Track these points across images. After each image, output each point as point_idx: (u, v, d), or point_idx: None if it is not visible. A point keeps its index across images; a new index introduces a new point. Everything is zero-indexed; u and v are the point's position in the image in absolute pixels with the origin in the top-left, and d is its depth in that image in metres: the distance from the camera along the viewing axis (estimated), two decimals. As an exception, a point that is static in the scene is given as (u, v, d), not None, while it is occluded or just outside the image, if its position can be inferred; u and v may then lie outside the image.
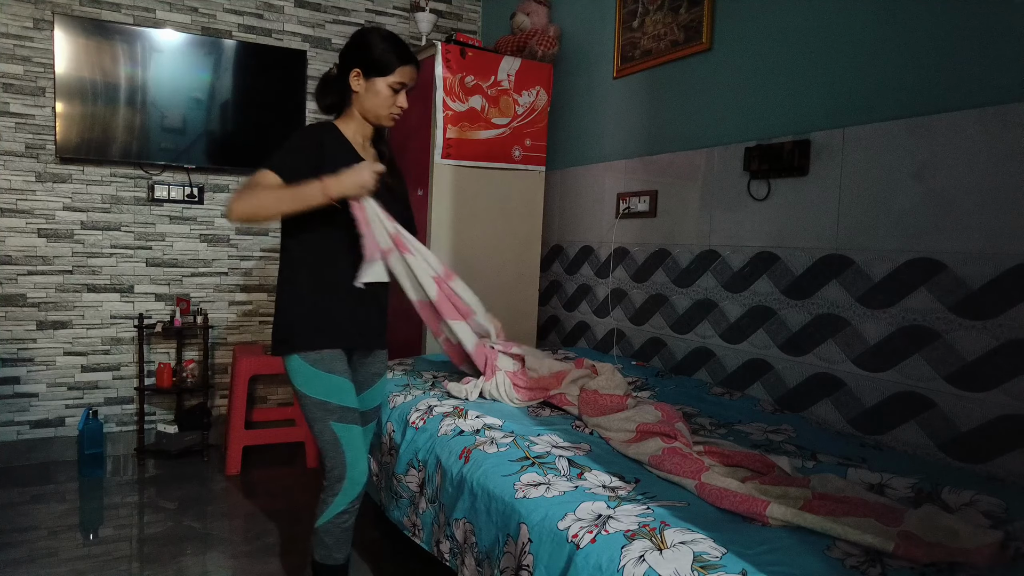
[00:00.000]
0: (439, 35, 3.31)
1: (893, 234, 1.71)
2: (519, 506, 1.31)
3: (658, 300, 2.48)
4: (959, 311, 1.57)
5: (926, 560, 1.05)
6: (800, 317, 1.95)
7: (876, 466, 1.47)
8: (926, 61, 1.66)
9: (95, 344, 3.07)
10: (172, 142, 3.05)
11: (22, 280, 2.93)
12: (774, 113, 2.05)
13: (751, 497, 1.23)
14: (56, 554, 2.20)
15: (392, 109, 1.66)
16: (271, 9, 3.28)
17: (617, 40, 2.69)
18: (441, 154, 2.67)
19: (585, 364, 2.11)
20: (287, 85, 3.25)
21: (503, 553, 1.33)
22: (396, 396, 2.04)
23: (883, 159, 1.74)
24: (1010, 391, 1.48)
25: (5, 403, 2.94)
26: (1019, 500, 1.30)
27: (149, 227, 3.13)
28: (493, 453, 1.53)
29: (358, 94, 1.65)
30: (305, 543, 2.41)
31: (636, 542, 1.09)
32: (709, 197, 2.28)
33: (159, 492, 2.77)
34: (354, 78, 1.63)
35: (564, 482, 1.37)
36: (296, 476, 3.03)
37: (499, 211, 2.86)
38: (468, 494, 1.48)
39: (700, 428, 1.78)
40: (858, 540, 1.10)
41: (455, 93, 2.67)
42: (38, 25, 2.87)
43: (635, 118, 2.63)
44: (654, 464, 1.46)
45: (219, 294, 3.30)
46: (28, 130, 2.89)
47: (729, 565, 1.03)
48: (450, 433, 1.70)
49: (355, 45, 1.65)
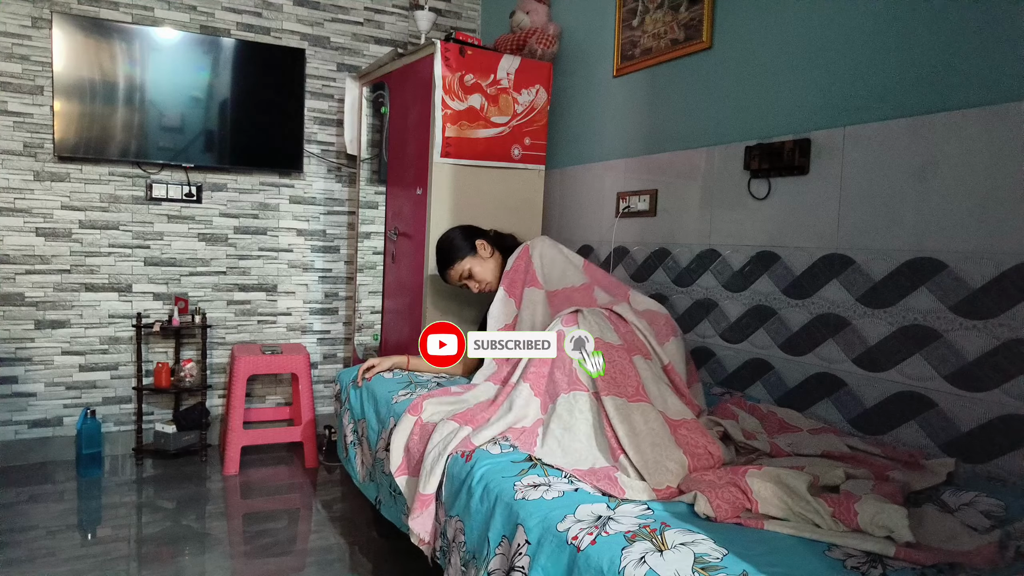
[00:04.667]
0: (438, 33, 3.30)
1: (893, 233, 1.71)
2: (518, 507, 1.30)
3: (658, 300, 2.47)
4: (959, 311, 1.57)
5: (927, 562, 1.05)
6: (800, 317, 1.95)
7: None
8: (926, 61, 1.65)
9: (93, 343, 3.07)
10: (170, 141, 3.05)
11: (20, 279, 2.92)
12: (774, 112, 2.05)
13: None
14: (54, 554, 2.20)
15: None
16: (270, 7, 3.27)
17: (617, 39, 2.69)
18: (440, 153, 2.66)
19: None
20: (286, 84, 3.24)
21: (494, 554, 1.32)
22: (398, 395, 2.04)
23: (884, 158, 1.73)
24: (1010, 391, 1.47)
25: (3, 403, 2.94)
26: (1019, 500, 1.30)
27: (147, 226, 3.13)
28: (496, 454, 1.53)
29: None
30: (303, 543, 2.41)
31: (637, 543, 1.09)
32: (709, 196, 2.27)
33: (157, 492, 2.76)
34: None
35: (564, 483, 1.37)
36: (294, 476, 3.02)
37: (498, 210, 2.85)
38: (465, 493, 1.47)
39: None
40: (859, 547, 1.10)
41: (454, 92, 2.67)
42: (36, 23, 2.86)
43: (635, 117, 2.63)
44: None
45: (217, 293, 3.29)
46: (26, 129, 2.88)
47: (730, 566, 1.02)
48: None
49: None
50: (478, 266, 2.20)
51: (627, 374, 1.61)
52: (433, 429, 1.67)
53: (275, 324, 3.43)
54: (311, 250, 3.48)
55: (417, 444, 1.71)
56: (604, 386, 1.57)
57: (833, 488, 1.31)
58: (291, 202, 3.41)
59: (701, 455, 1.45)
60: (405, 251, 2.90)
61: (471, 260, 2.20)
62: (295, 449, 3.31)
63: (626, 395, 1.54)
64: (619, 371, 1.60)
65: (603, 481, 1.37)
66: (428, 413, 1.77)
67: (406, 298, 2.88)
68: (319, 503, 2.74)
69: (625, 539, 1.11)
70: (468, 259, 2.20)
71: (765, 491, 1.25)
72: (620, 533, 1.13)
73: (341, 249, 3.56)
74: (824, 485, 1.32)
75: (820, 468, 1.39)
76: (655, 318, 1.92)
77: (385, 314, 3.11)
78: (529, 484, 1.36)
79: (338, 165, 3.49)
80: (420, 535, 1.61)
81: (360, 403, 2.17)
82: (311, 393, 3.18)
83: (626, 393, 1.55)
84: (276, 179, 3.37)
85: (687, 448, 1.45)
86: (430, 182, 2.68)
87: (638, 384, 1.59)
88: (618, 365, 1.62)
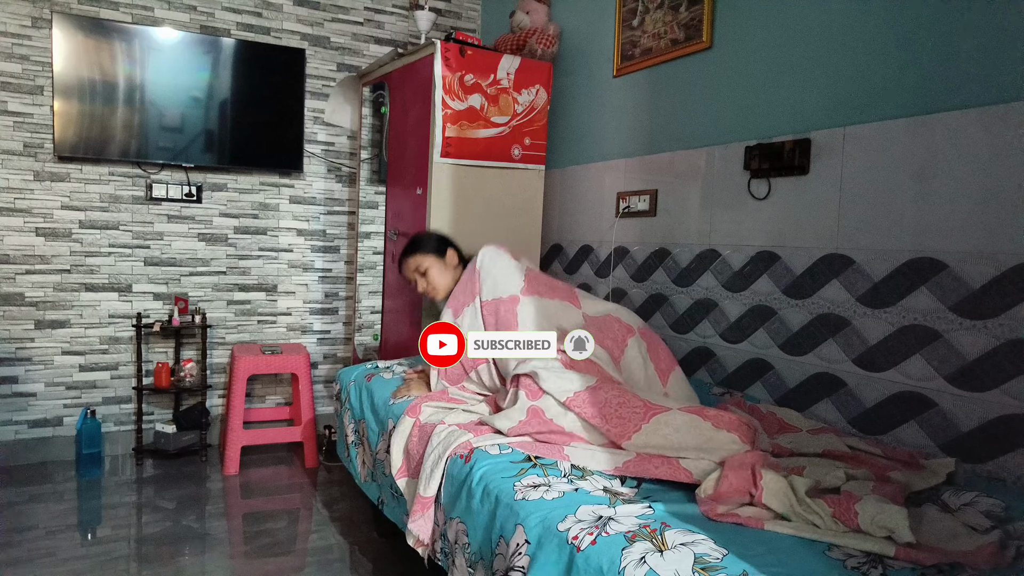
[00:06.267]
0: (438, 33, 3.30)
1: (893, 233, 1.71)
2: (518, 507, 1.30)
3: (658, 299, 2.48)
4: (959, 311, 1.57)
5: (927, 562, 1.05)
6: (800, 316, 1.95)
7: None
8: (926, 61, 1.65)
9: (93, 343, 3.07)
10: (170, 141, 3.05)
11: (20, 279, 2.92)
12: (774, 112, 2.05)
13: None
14: (54, 554, 2.20)
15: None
16: (270, 7, 3.27)
17: (617, 38, 2.69)
18: (440, 153, 2.66)
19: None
20: (286, 84, 3.24)
21: (495, 555, 1.32)
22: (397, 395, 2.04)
23: (884, 158, 1.74)
24: (1010, 391, 1.47)
25: (3, 402, 2.93)
26: (1019, 500, 1.30)
27: (147, 226, 3.13)
28: (495, 454, 1.52)
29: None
30: (303, 543, 2.41)
31: (637, 544, 1.09)
32: (709, 196, 2.27)
33: (157, 492, 2.76)
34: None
35: (564, 484, 1.37)
36: (294, 476, 3.02)
37: (498, 210, 2.86)
38: (465, 494, 1.47)
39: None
40: (858, 547, 1.10)
41: (454, 91, 2.67)
42: (36, 23, 2.86)
43: (635, 117, 2.63)
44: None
45: (217, 293, 3.29)
46: (26, 129, 2.88)
47: (730, 566, 1.02)
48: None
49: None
50: (436, 269, 2.14)
51: (620, 411, 1.56)
52: (432, 431, 1.67)
53: (275, 324, 3.43)
54: (311, 250, 3.48)
55: (416, 446, 1.71)
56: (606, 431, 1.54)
57: (834, 489, 1.31)
58: (291, 202, 3.41)
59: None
60: (405, 251, 2.89)
61: (434, 260, 2.15)
62: (295, 449, 3.31)
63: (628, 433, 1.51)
64: (612, 410, 1.55)
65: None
66: (427, 415, 1.78)
67: (406, 298, 2.88)
68: (319, 503, 2.74)
69: (625, 539, 1.11)
70: (432, 258, 2.15)
71: (774, 484, 1.25)
72: (620, 533, 1.13)
73: (341, 249, 3.56)
74: (825, 488, 1.32)
75: (821, 468, 1.39)
76: (609, 324, 1.92)
77: (385, 314, 3.12)
78: (529, 484, 1.36)
79: (338, 165, 3.49)
80: (418, 536, 1.61)
81: (360, 403, 2.17)
82: (311, 393, 3.18)
83: (627, 432, 1.51)
84: (276, 179, 3.37)
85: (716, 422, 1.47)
86: (430, 182, 2.68)
87: (632, 415, 1.54)
88: (612, 404, 1.56)
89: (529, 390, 1.64)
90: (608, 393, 1.59)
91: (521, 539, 1.24)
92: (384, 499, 1.96)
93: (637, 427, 1.49)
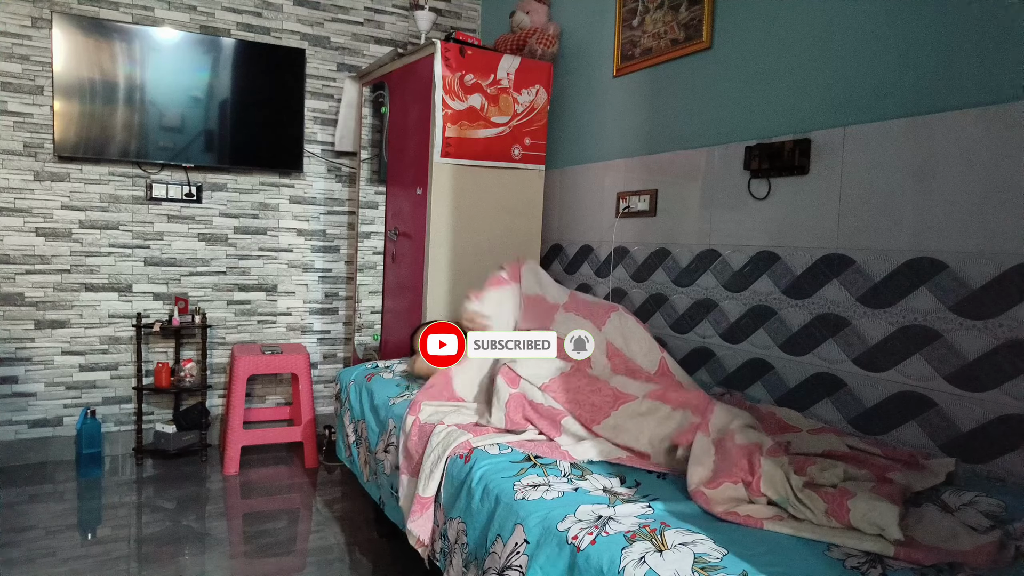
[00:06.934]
0: (438, 33, 3.30)
1: (893, 234, 1.71)
2: (517, 507, 1.30)
3: (658, 299, 2.48)
4: (959, 311, 1.57)
5: (927, 562, 1.05)
6: (800, 317, 1.95)
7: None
8: (926, 61, 1.65)
9: (93, 343, 3.07)
10: (170, 141, 3.05)
11: (20, 279, 2.92)
12: (774, 112, 2.05)
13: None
14: (54, 554, 2.20)
15: None
16: (270, 7, 3.27)
17: (617, 38, 2.69)
18: (440, 153, 2.66)
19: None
20: (286, 84, 3.24)
21: (488, 553, 1.32)
22: (395, 397, 2.04)
23: (884, 158, 1.73)
24: (1010, 391, 1.47)
25: (3, 402, 2.94)
26: (1019, 500, 1.30)
27: (147, 226, 3.13)
28: (495, 454, 1.53)
29: None
30: (303, 543, 2.41)
31: (637, 543, 1.09)
32: (709, 196, 2.27)
33: (157, 492, 2.76)
34: None
35: (564, 483, 1.37)
36: (294, 476, 3.02)
37: (498, 210, 2.86)
38: (465, 494, 1.47)
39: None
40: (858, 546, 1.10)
41: (454, 92, 2.67)
42: (36, 23, 2.86)
43: (635, 117, 2.63)
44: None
45: (217, 293, 3.29)
46: (26, 129, 2.88)
47: (730, 566, 1.02)
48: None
49: None
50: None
51: (592, 398, 1.69)
52: (432, 431, 1.67)
53: (275, 324, 3.43)
54: (311, 250, 3.48)
55: (416, 445, 1.71)
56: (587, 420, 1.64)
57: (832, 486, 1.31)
58: (291, 202, 3.41)
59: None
60: (405, 251, 2.90)
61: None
62: (295, 449, 3.31)
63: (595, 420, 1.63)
64: (584, 397, 1.69)
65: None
66: (426, 414, 1.78)
67: (406, 298, 2.88)
68: (319, 503, 2.74)
69: (625, 539, 1.11)
70: None
71: (772, 470, 1.26)
72: (620, 533, 1.13)
73: (341, 249, 3.56)
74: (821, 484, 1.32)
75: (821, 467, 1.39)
76: (598, 308, 2.12)
77: (385, 314, 3.12)
78: (529, 484, 1.36)
79: (338, 165, 3.49)
80: (418, 536, 1.61)
81: (360, 403, 2.18)
82: (311, 393, 3.18)
83: (597, 418, 1.63)
84: (276, 179, 3.37)
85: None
86: (430, 182, 2.68)
87: (603, 402, 1.66)
88: (584, 391, 1.70)
89: (507, 378, 1.74)
90: (580, 380, 1.71)
91: (520, 538, 1.24)
92: (384, 499, 1.96)
93: (607, 413, 1.61)
